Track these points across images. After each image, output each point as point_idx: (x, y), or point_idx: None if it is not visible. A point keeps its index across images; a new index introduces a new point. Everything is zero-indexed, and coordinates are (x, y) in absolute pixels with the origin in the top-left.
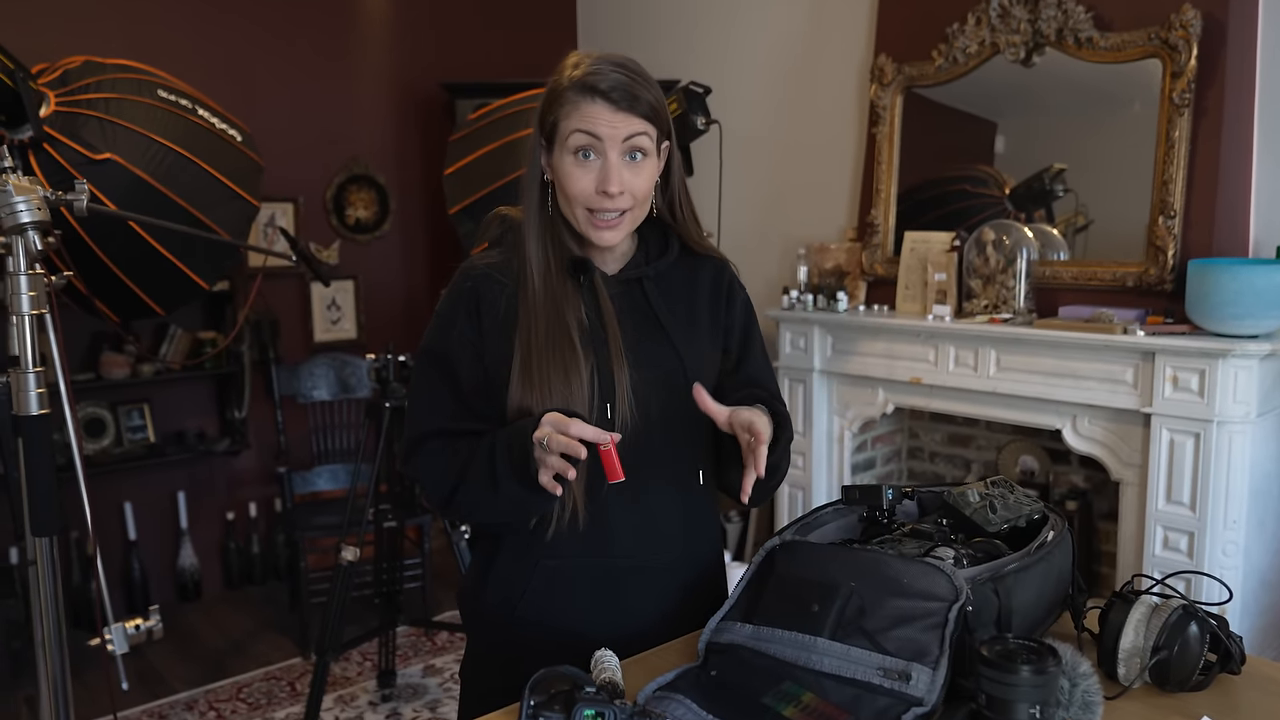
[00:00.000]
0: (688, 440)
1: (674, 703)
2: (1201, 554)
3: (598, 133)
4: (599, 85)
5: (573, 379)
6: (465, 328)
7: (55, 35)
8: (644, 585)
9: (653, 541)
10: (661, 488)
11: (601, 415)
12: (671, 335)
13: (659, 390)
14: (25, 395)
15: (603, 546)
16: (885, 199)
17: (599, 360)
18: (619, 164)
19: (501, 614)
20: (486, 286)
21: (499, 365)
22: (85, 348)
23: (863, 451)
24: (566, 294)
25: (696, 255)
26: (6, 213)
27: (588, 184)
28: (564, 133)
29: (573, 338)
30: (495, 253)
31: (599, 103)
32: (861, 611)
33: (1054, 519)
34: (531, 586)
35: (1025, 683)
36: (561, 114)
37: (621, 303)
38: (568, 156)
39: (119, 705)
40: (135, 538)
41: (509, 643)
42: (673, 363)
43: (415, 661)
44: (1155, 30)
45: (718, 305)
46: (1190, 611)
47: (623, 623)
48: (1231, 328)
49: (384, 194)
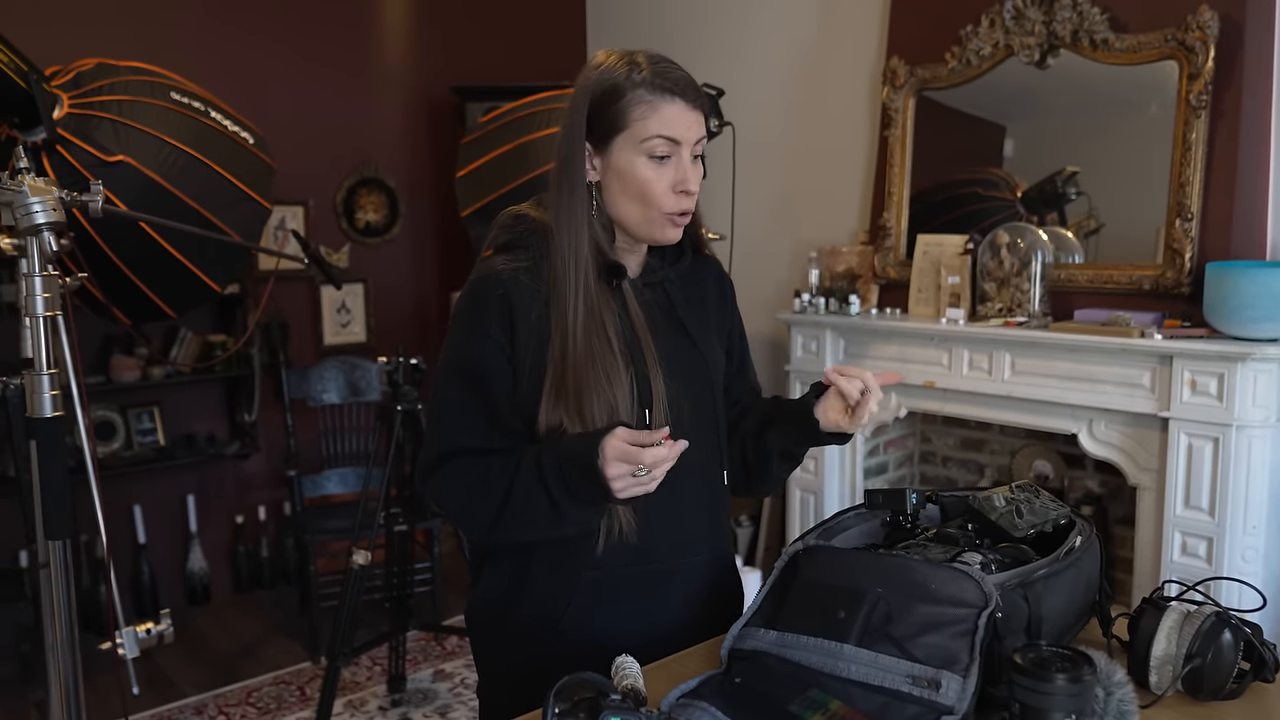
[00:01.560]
0: (715, 441)
1: (699, 710)
2: (1220, 560)
3: (678, 136)
4: (678, 86)
5: (616, 388)
6: (499, 337)
7: (69, 38)
8: (676, 587)
9: (686, 543)
10: (694, 490)
11: (640, 423)
12: (695, 338)
13: (688, 393)
14: (39, 397)
15: (643, 552)
16: (897, 202)
17: (636, 368)
18: (690, 163)
19: (540, 627)
20: (519, 293)
21: (533, 375)
22: (96, 350)
23: (875, 456)
24: (604, 301)
25: (700, 256)
26: (22, 214)
27: (665, 185)
28: (639, 134)
29: (614, 347)
30: (522, 256)
31: (678, 103)
32: (888, 618)
33: (1081, 524)
34: (576, 599)
35: (1061, 691)
36: (634, 115)
37: (648, 307)
38: (641, 158)
39: (130, 709)
40: (145, 541)
41: (544, 656)
42: (698, 365)
43: (425, 666)
44: (1172, 32)
45: (722, 305)
46: (1224, 619)
47: (656, 625)
48: (1250, 331)
49: (394, 197)
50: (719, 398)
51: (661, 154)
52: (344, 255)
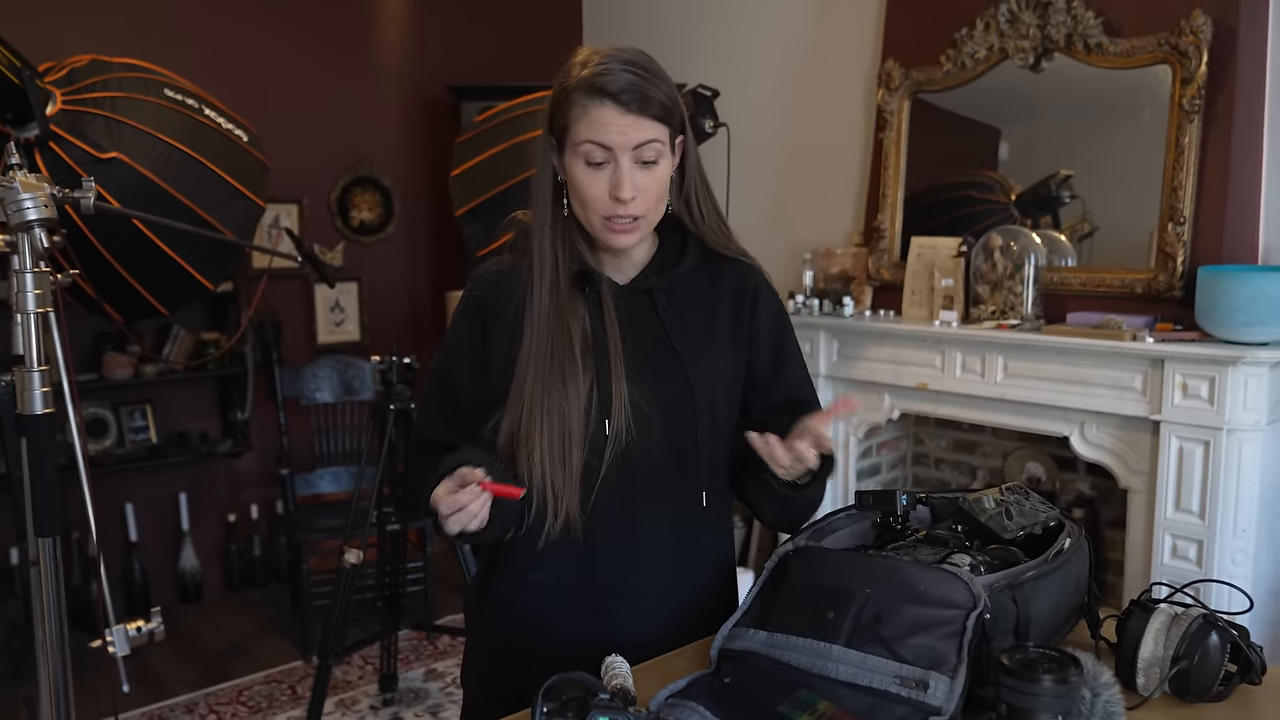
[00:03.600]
0: (691, 461)
1: (687, 710)
2: (1211, 563)
3: (607, 141)
4: (609, 87)
5: (570, 391)
6: (470, 339)
7: (62, 34)
8: (634, 608)
9: (643, 563)
10: (657, 509)
11: (598, 430)
12: (680, 351)
13: (662, 408)
14: (30, 394)
15: (591, 563)
16: (892, 204)
17: (598, 373)
18: (630, 169)
19: (498, 619)
20: (494, 294)
21: (504, 372)
22: (88, 348)
23: (868, 457)
24: (573, 304)
25: (721, 259)
26: (13, 210)
27: (600, 190)
28: (574, 138)
29: (574, 350)
30: (507, 258)
31: (609, 106)
32: (877, 618)
33: (1070, 526)
34: (522, 597)
35: (1047, 693)
36: (571, 118)
37: (629, 315)
38: (579, 162)
39: (119, 707)
40: (136, 539)
41: (506, 649)
42: (678, 380)
43: (417, 665)
44: (1165, 36)
45: (741, 313)
46: (1211, 621)
47: (613, 640)
48: (1242, 335)
49: (388, 196)
50: (705, 415)
51: (597, 160)
52: (338, 254)
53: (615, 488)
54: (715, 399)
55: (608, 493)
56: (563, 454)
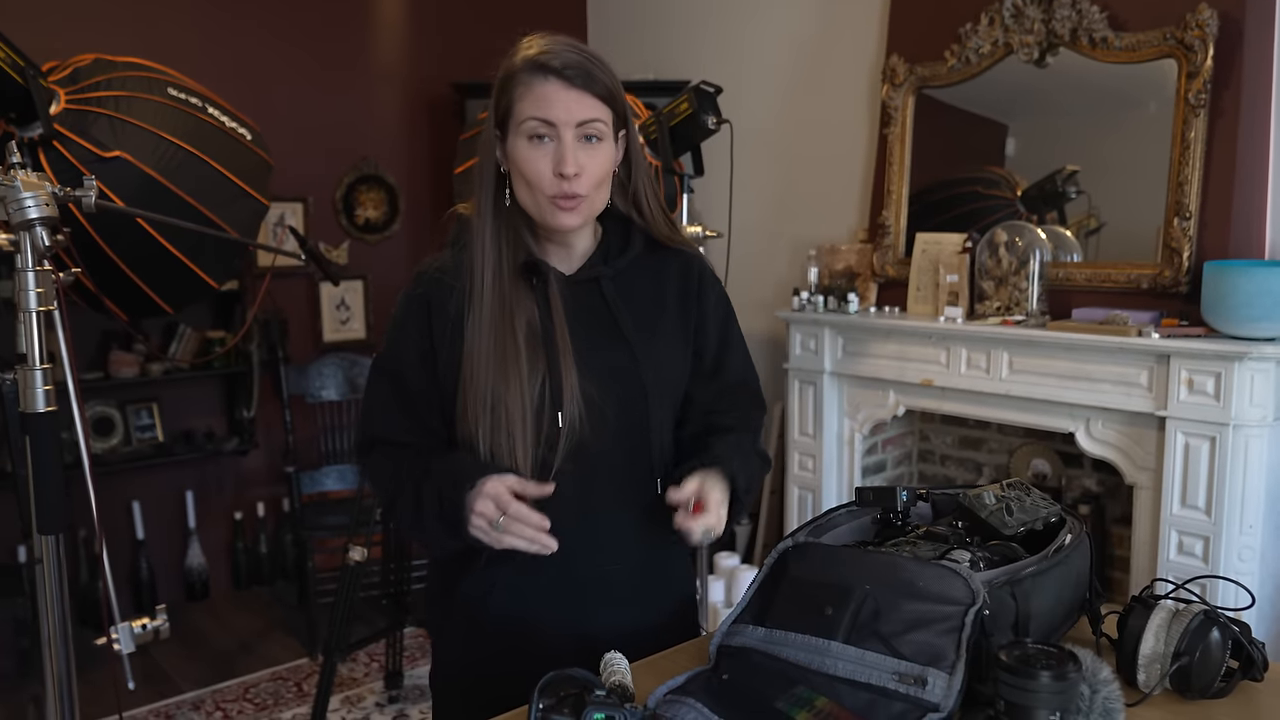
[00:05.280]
0: (644, 448)
1: (685, 706)
2: (1217, 559)
3: (552, 116)
4: (552, 63)
5: (512, 384)
6: (416, 336)
7: (66, 33)
8: (606, 593)
9: (608, 549)
10: (615, 495)
11: (552, 423)
12: (629, 339)
13: (613, 396)
14: (32, 392)
15: (556, 558)
16: (896, 200)
17: (549, 365)
18: (574, 145)
19: (469, 623)
20: (437, 291)
21: (451, 371)
22: (94, 346)
23: (873, 454)
24: (518, 296)
25: (664, 249)
26: (15, 209)
27: (544, 166)
28: (518, 117)
29: (519, 342)
30: (448, 254)
31: (553, 81)
32: (876, 615)
33: (1071, 522)
34: (492, 598)
35: (1045, 689)
36: (515, 96)
37: (576, 305)
38: (522, 141)
39: (125, 705)
40: (143, 537)
41: (479, 651)
42: (629, 368)
43: (422, 662)
44: (1171, 30)
45: (687, 301)
46: (1212, 617)
47: (585, 627)
48: (1248, 330)
49: (393, 194)
50: (656, 402)
51: (539, 134)
52: (343, 252)
53: (571, 478)
54: (665, 386)
55: (565, 482)
56: (509, 451)
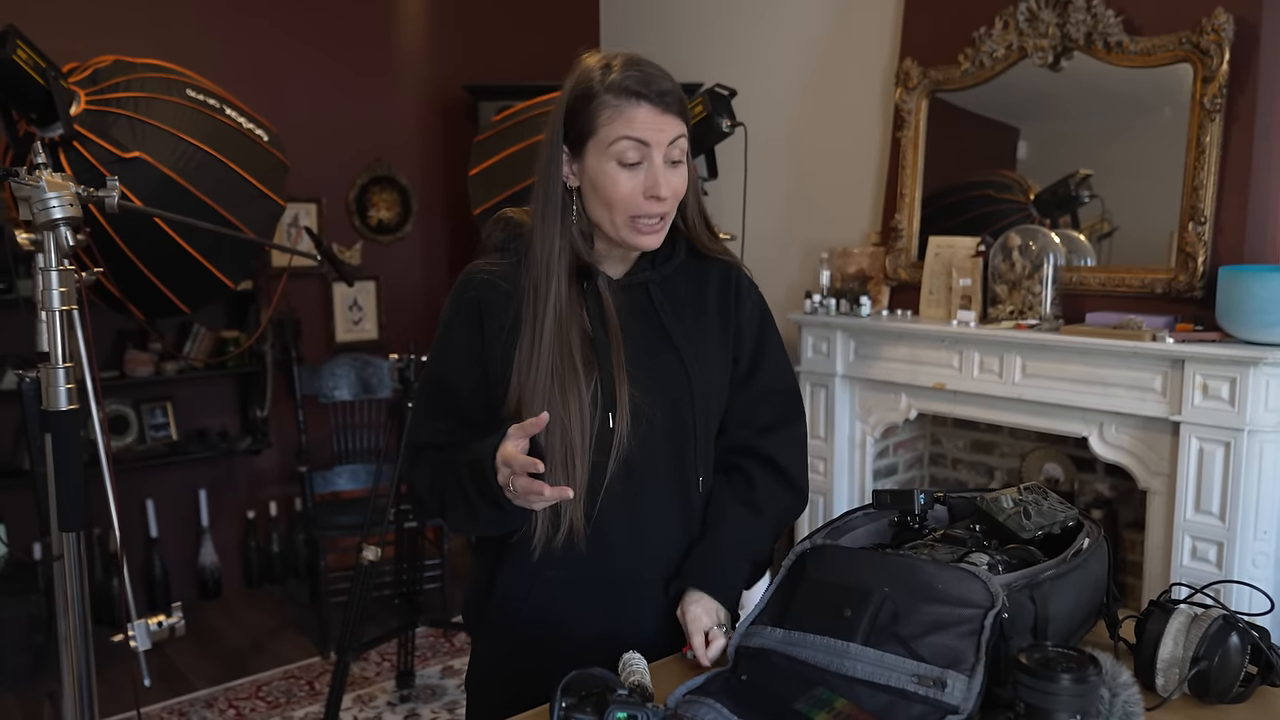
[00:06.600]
0: (687, 447)
1: (704, 707)
2: (1231, 565)
3: (646, 139)
4: (645, 89)
5: (570, 391)
6: (467, 338)
7: (86, 35)
8: (644, 594)
9: (650, 549)
10: (659, 496)
11: (602, 426)
12: (677, 342)
13: (662, 399)
14: (54, 391)
15: (601, 556)
16: (909, 203)
17: (602, 372)
18: (664, 168)
19: (506, 621)
20: (490, 295)
21: (502, 374)
22: (110, 345)
23: (885, 457)
24: (571, 302)
25: (704, 258)
26: (39, 208)
27: (634, 189)
28: (606, 138)
29: (574, 350)
30: (499, 258)
31: (645, 106)
32: (895, 617)
33: (1089, 526)
34: (533, 595)
35: (1066, 692)
36: (602, 119)
37: (626, 309)
38: (610, 163)
39: (141, 701)
40: (157, 535)
41: (516, 650)
42: (677, 371)
43: (434, 662)
44: (1186, 34)
45: (726, 307)
46: (1231, 622)
47: (620, 628)
48: (1263, 335)
49: (406, 195)
50: (702, 405)
51: (631, 160)
52: (356, 253)
53: (620, 478)
54: (710, 388)
55: (614, 485)
56: (567, 467)
